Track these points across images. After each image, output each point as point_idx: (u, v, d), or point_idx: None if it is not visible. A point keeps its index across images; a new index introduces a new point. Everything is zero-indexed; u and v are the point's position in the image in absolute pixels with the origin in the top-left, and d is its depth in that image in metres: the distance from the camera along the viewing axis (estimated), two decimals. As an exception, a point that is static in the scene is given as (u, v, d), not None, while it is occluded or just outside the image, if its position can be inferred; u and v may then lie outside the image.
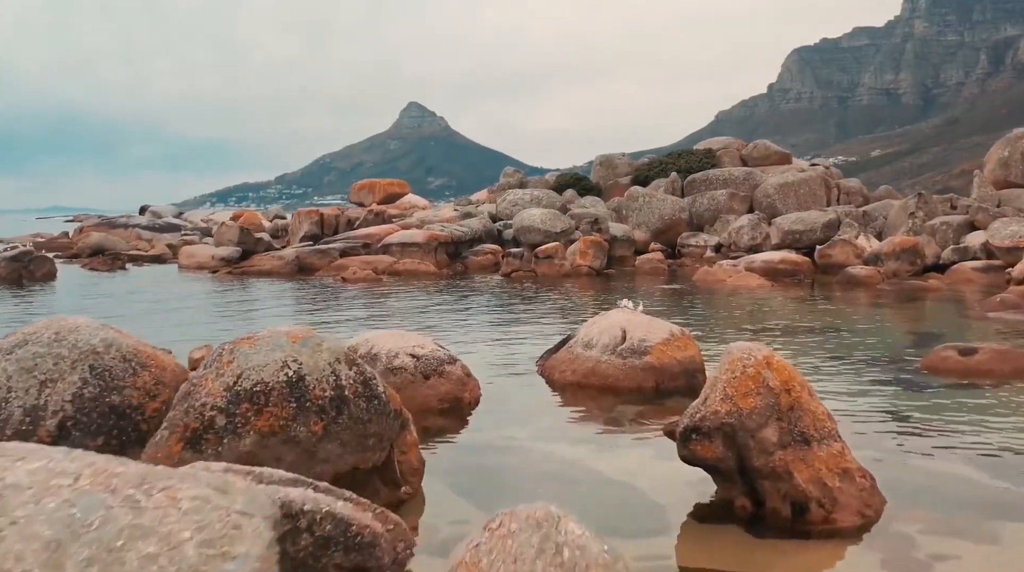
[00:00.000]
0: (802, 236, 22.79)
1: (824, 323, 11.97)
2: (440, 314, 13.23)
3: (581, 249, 20.59)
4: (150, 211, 47.69)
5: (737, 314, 13.21)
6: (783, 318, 12.63)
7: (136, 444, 4.15)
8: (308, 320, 12.53)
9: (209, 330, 10.96)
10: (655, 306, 14.03)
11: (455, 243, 23.41)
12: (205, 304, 14.85)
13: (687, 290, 17.01)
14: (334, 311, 13.81)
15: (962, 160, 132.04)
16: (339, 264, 21.41)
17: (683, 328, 7.85)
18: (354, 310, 13.81)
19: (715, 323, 12.16)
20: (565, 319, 12.68)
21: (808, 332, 11.16)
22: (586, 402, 7.06)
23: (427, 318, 12.76)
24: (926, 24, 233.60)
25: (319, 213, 25.84)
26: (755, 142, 32.39)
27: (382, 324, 11.92)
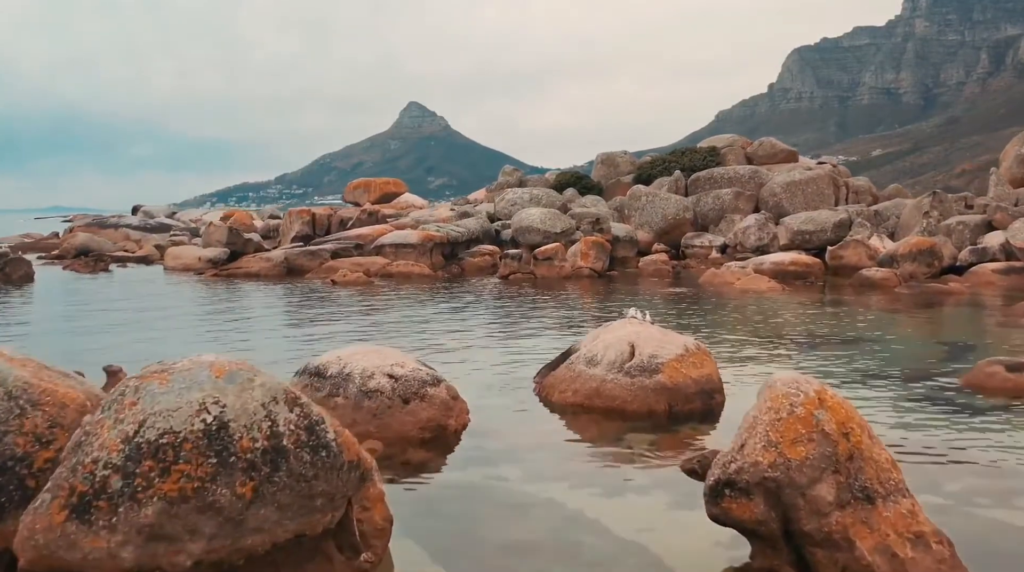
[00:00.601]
0: (812, 236, 21.89)
1: (845, 332, 11.09)
2: (431, 321, 12.34)
3: (582, 250, 19.71)
4: (142, 211, 46.84)
5: (749, 321, 12.32)
6: (799, 326, 11.74)
7: (21, 505, 3.26)
8: (286, 329, 11.65)
9: (171, 345, 10.08)
10: (661, 312, 13.15)
11: (451, 244, 22.54)
12: (180, 311, 13.94)
13: (694, 294, 16.12)
14: (317, 318, 12.92)
15: (963, 159, 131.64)
16: (330, 266, 20.52)
17: (698, 342, 6.96)
18: (339, 317, 12.92)
19: (727, 332, 11.27)
20: (566, 327, 11.79)
21: (829, 342, 10.28)
22: (589, 429, 6.18)
23: (416, 325, 11.88)
24: (927, 23, 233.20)
25: (311, 213, 24.96)
26: (760, 139, 31.51)
27: (367, 333, 11.04)
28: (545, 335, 10.94)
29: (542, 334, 11.02)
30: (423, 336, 10.79)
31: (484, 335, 10.96)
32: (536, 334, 11.04)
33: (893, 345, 10.12)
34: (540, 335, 10.94)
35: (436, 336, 10.79)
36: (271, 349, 9.81)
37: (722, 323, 12.18)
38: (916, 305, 14.32)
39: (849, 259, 19.84)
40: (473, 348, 9.85)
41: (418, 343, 10.12)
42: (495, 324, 12.12)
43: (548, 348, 9.51)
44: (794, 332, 11.06)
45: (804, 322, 12.08)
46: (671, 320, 12.22)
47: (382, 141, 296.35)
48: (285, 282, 19.18)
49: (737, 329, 11.45)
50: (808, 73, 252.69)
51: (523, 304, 14.62)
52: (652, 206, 26.03)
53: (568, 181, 29.56)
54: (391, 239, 21.68)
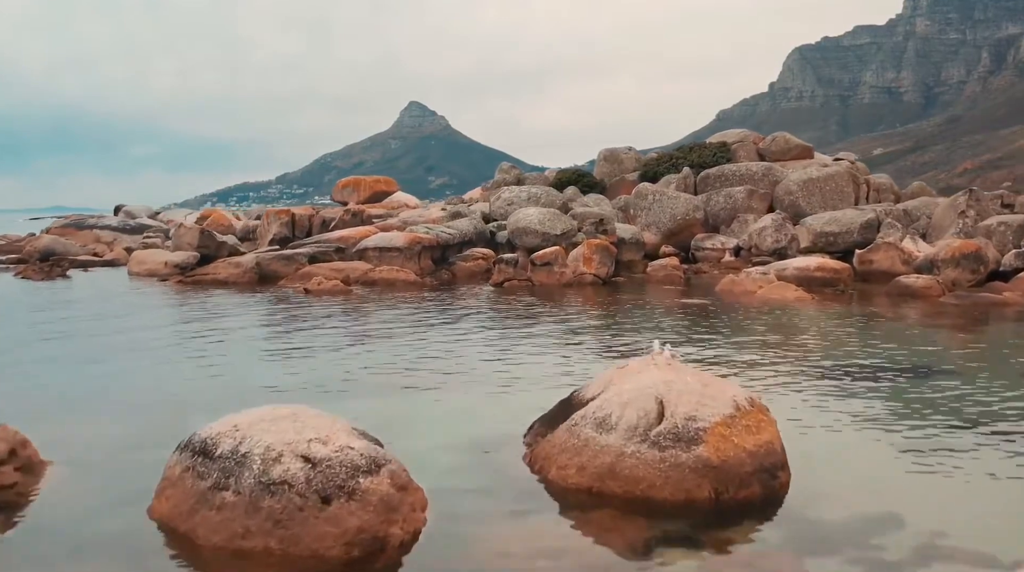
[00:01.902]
0: (837, 238, 19.95)
1: (909, 359, 9.16)
2: (403, 344, 10.40)
3: (585, 254, 17.77)
4: (124, 211, 44.87)
5: (787, 344, 10.37)
6: (848, 349, 9.81)
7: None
8: (216, 358, 9.68)
9: (58, 392, 8.16)
10: (677, 332, 11.20)
11: (442, 247, 20.60)
12: (113, 330, 11.92)
13: (712, 306, 14.18)
14: (267, 341, 10.93)
15: (965, 158, 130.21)
16: (306, 272, 18.58)
17: (751, 394, 5.02)
18: (293, 339, 10.97)
19: (762, 360, 9.34)
20: (567, 354, 9.85)
21: (894, 373, 8.35)
22: (602, 532, 4.25)
23: (384, 352, 9.94)
24: (928, 22, 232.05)
25: (289, 213, 23.01)
26: (773, 135, 29.58)
27: (317, 366, 9.09)
28: (542, 364, 9.00)
29: (538, 363, 9.09)
30: (389, 368, 8.86)
31: (466, 365, 9.01)
32: (531, 363, 9.10)
33: (973, 377, 8.19)
34: (536, 364, 9.00)
35: (406, 367, 8.87)
36: (175, 390, 7.89)
37: (753, 347, 10.23)
38: (972, 320, 12.40)
39: (880, 264, 17.93)
40: (449, 385, 7.92)
41: (381, 379, 8.20)
42: (481, 348, 10.18)
43: (545, 385, 7.59)
44: (846, 360, 9.12)
45: (853, 344, 10.14)
46: (690, 344, 10.28)
47: (383, 140, 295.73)
48: (255, 290, 17.25)
49: (774, 356, 9.50)
50: (809, 72, 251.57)
51: (517, 319, 12.68)
52: (659, 205, 24.10)
53: (569, 179, 27.62)
54: (375, 242, 19.73)
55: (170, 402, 7.32)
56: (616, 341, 10.56)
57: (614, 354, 9.49)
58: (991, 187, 33.50)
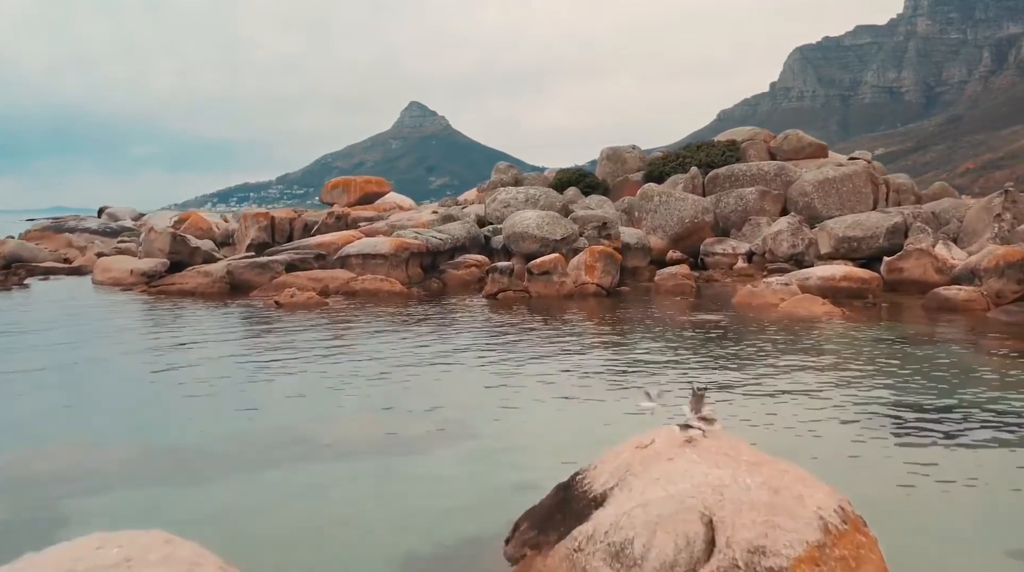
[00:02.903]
0: (861, 244, 18.33)
1: (987, 395, 7.58)
2: (366, 379, 8.79)
3: (587, 262, 16.16)
4: (106, 213, 43.37)
5: (833, 380, 8.76)
6: (913, 386, 8.21)
7: None
8: (109, 403, 8.07)
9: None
10: (695, 360, 9.59)
11: (432, 253, 19.01)
12: (30, 359, 10.32)
13: (730, 323, 12.57)
14: (203, 377, 9.32)
15: (966, 158, 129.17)
16: (282, 281, 16.97)
17: (841, 498, 3.40)
18: (238, 370, 9.36)
19: (808, 405, 7.72)
20: (568, 394, 8.24)
21: (983, 421, 6.76)
22: None
23: (337, 390, 8.35)
24: (928, 22, 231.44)
25: (269, 216, 21.40)
26: (785, 132, 28.01)
27: (261, 407, 7.49)
28: (536, 409, 7.39)
29: (531, 408, 7.47)
30: (336, 416, 7.27)
31: (439, 413, 7.40)
32: (522, 407, 7.48)
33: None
34: (528, 409, 7.39)
35: (359, 415, 7.26)
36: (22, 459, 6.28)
37: (790, 384, 8.61)
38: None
39: (911, 272, 16.32)
40: (414, 440, 6.32)
41: (323, 434, 6.58)
42: (462, 385, 8.56)
43: (541, 444, 5.98)
44: (917, 404, 7.50)
45: (915, 380, 8.51)
46: (711, 376, 8.67)
47: (383, 140, 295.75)
48: (224, 302, 15.65)
49: (823, 401, 7.87)
50: (810, 72, 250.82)
51: (509, 342, 11.07)
52: (666, 207, 22.51)
53: (570, 179, 26.01)
54: (358, 248, 18.12)
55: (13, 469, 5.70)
56: (626, 373, 8.95)
57: (624, 391, 7.88)
58: (993, 187, 32.26)
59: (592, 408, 7.32)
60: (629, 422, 6.05)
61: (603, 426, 6.49)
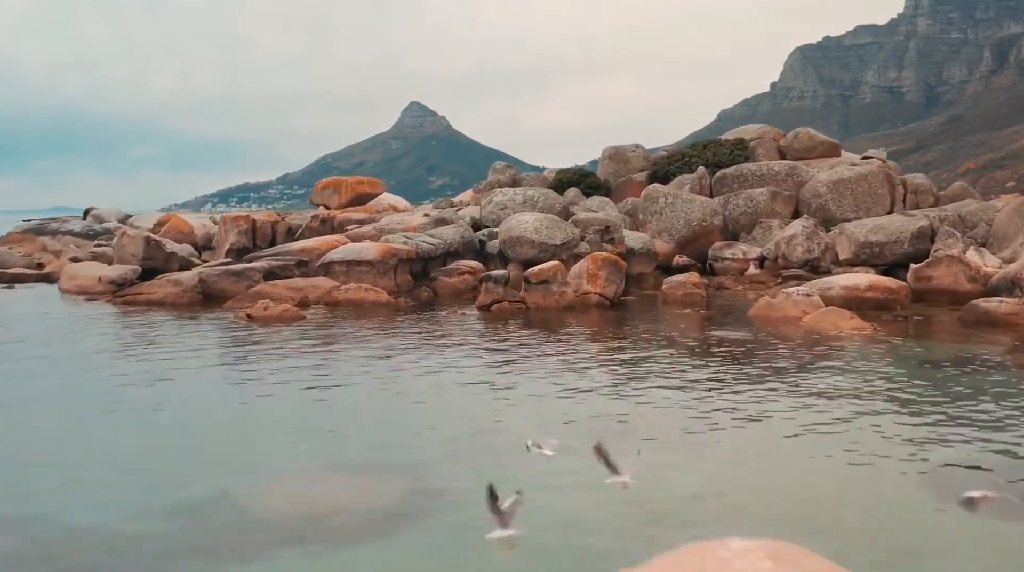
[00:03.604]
0: (883, 249, 17.04)
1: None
2: (325, 420, 7.49)
3: (590, 270, 14.86)
4: (92, 215, 41.98)
5: (881, 416, 7.47)
6: (977, 422, 6.92)
7: None
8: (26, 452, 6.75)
9: None
10: (710, 386, 8.29)
11: (423, 259, 17.71)
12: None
13: (749, 340, 11.27)
14: (140, 409, 8.02)
15: (967, 158, 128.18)
16: (258, 291, 15.65)
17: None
18: (185, 406, 8.06)
19: (844, 443, 6.43)
20: (570, 434, 6.94)
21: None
22: None
23: (289, 434, 7.05)
24: (929, 22, 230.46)
25: (249, 219, 20.08)
26: (796, 130, 26.70)
27: (202, 461, 6.18)
28: (535, 464, 6.07)
29: (519, 472, 6.14)
30: (277, 479, 5.96)
31: (408, 481, 6.08)
32: (516, 461, 6.16)
33: None
34: (524, 464, 6.07)
35: (306, 477, 5.96)
36: None
37: (834, 422, 7.31)
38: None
39: (941, 281, 15.03)
40: (373, 518, 5.01)
41: (252, 508, 5.26)
42: (441, 431, 7.26)
43: (539, 534, 4.66)
44: (976, 448, 6.22)
45: (970, 414, 7.23)
46: (737, 413, 7.37)
47: (383, 141, 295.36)
48: (193, 313, 14.34)
49: (884, 459, 6.57)
50: (810, 72, 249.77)
51: (501, 366, 9.76)
52: (673, 209, 21.22)
53: (570, 179, 24.70)
54: (342, 254, 16.80)
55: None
56: (641, 417, 7.65)
57: (640, 445, 6.59)
58: (995, 187, 31.18)
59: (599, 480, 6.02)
60: (651, 493, 4.75)
61: (626, 504, 5.19)
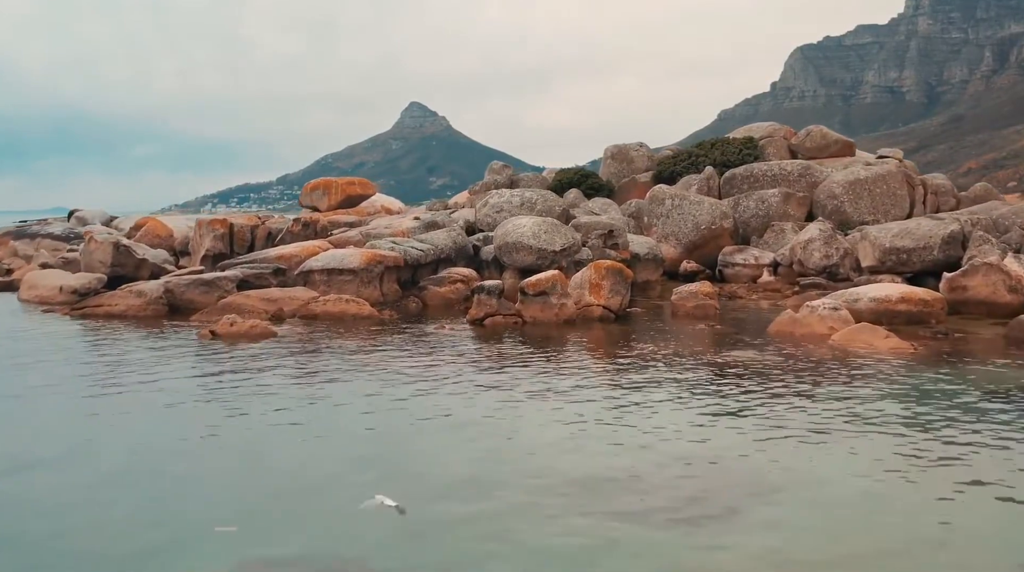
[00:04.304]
0: (911, 256, 15.68)
1: None
2: (272, 488, 6.15)
3: (592, 280, 13.50)
4: (76, 217, 40.60)
5: (950, 469, 6.11)
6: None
7: None
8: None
9: None
10: (737, 424, 6.94)
11: (411, 266, 16.38)
12: None
13: (773, 363, 9.91)
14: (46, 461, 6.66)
15: (969, 158, 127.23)
16: (229, 302, 14.29)
17: None
18: (94, 461, 6.72)
19: (909, 506, 5.07)
20: (570, 495, 5.60)
21: None
22: None
23: (229, 507, 5.72)
24: (930, 21, 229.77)
25: (226, 223, 18.72)
26: (808, 128, 25.40)
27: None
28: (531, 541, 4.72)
29: (524, 545, 4.79)
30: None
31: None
32: (509, 546, 4.81)
33: None
34: (521, 544, 4.71)
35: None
36: None
37: (890, 478, 5.95)
38: None
39: (978, 291, 13.67)
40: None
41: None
42: (416, 492, 5.91)
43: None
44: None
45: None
46: (773, 466, 6.02)
47: (383, 141, 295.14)
48: (154, 328, 12.98)
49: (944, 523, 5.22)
50: (811, 71, 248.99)
51: (493, 396, 8.41)
52: (680, 212, 19.89)
53: (571, 180, 23.35)
54: (322, 262, 15.44)
55: None
56: (667, 472, 6.30)
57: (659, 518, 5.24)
58: (997, 187, 30.31)
59: (611, 530, 4.68)
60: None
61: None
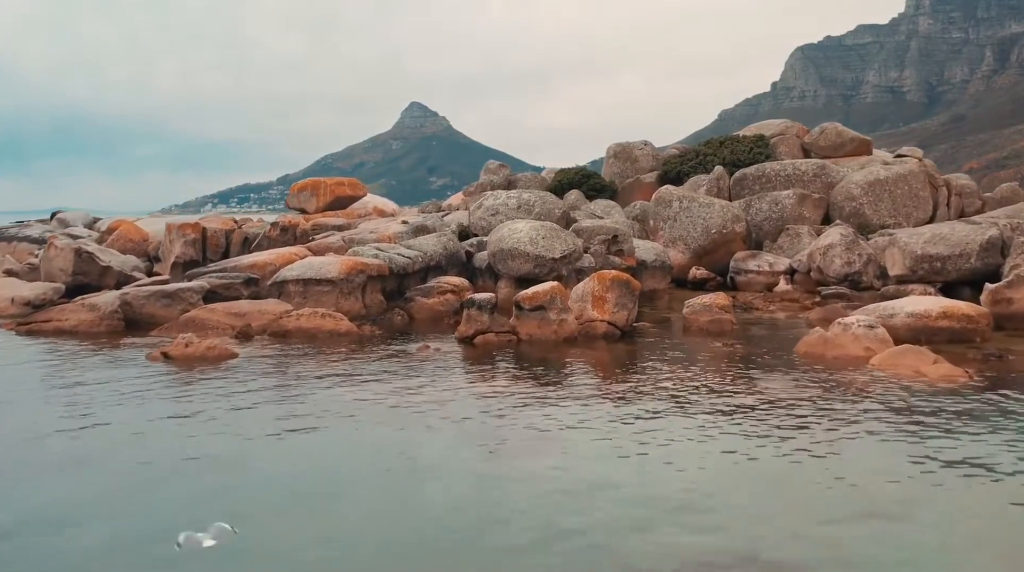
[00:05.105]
0: (945, 264, 14.26)
1: None
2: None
3: (595, 293, 12.07)
4: (57, 219, 39.22)
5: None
6: None
7: None
8: None
9: None
10: (772, 483, 5.53)
11: (397, 275, 14.97)
12: None
13: (807, 394, 8.50)
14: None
15: (970, 158, 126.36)
16: (193, 317, 12.86)
17: None
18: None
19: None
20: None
21: None
22: None
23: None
24: (930, 21, 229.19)
25: (199, 228, 17.29)
26: (822, 126, 24.03)
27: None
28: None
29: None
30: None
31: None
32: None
33: None
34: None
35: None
36: None
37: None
38: None
39: (1022, 304, 12.29)
40: None
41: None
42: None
43: None
44: None
45: None
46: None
47: (383, 141, 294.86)
48: (109, 345, 11.57)
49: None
50: (811, 71, 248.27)
51: (475, 436, 6.98)
52: (688, 215, 18.50)
53: (571, 180, 21.94)
54: (298, 271, 14.00)
55: None
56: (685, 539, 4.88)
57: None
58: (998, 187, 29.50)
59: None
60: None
61: None
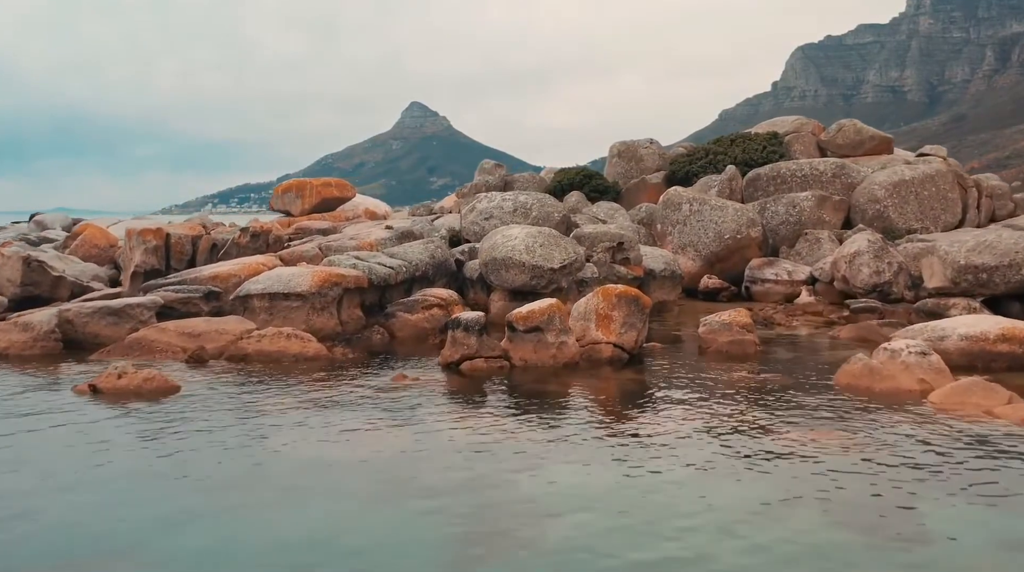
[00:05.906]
0: (992, 275, 12.69)
1: None
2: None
3: (600, 310, 10.49)
4: (34, 221, 37.68)
5: None
6: None
7: None
8: None
9: None
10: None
11: (378, 287, 13.40)
12: None
13: (860, 446, 6.94)
14: None
15: (971, 158, 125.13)
16: (140, 337, 11.27)
17: None
18: None
19: None
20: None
21: None
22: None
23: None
24: (931, 21, 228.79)
25: (162, 234, 15.71)
26: (840, 123, 22.55)
27: None
28: None
29: None
30: None
31: None
32: None
33: None
34: None
35: None
36: None
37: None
38: None
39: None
40: None
41: None
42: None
43: None
44: None
45: None
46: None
47: (384, 141, 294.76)
48: (39, 371, 10.00)
49: None
50: (812, 71, 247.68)
51: (450, 506, 5.41)
52: (699, 218, 16.96)
53: (572, 181, 20.38)
54: (263, 284, 12.40)
55: None
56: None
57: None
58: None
59: None
60: None
61: None
